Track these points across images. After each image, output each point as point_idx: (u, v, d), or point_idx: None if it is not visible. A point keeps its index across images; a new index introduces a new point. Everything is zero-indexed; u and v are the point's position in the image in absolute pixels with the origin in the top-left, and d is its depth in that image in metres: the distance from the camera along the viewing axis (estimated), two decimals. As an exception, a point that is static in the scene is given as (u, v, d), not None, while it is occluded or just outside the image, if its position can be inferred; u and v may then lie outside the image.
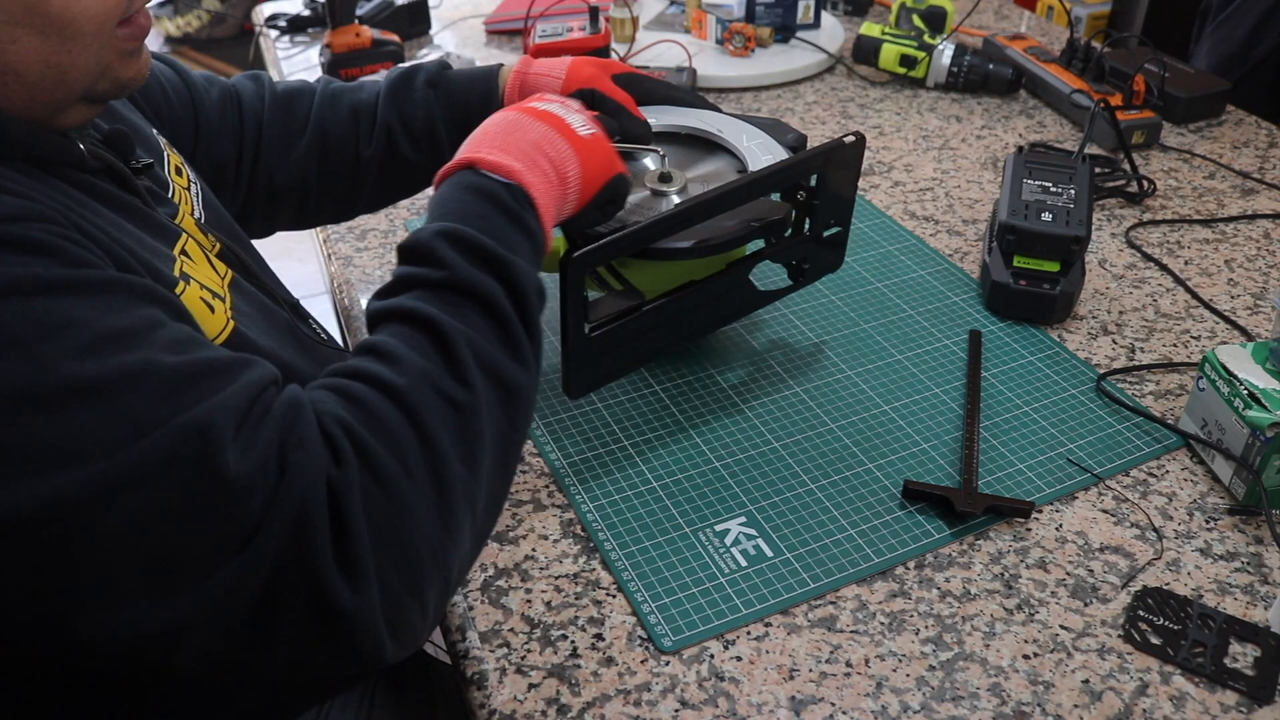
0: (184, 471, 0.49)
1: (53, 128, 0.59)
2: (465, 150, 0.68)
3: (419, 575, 0.54)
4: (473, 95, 0.89)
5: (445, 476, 0.55)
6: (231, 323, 0.64)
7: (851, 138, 0.82)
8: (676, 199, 0.83)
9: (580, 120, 0.72)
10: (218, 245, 0.71)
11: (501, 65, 0.91)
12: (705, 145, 0.91)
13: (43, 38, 0.53)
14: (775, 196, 0.85)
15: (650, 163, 0.88)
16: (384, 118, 0.90)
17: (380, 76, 0.93)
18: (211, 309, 0.62)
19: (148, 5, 0.62)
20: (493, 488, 0.60)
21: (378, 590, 0.52)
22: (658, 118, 0.89)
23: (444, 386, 0.56)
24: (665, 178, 0.85)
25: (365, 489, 0.52)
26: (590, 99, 0.83)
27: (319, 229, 1.14)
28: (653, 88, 0.90)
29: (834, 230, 0.89)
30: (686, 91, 0.92)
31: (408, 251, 0.62)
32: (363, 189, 0.92)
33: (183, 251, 0.65)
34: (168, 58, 0.90)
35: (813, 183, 0.84)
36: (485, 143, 0.68)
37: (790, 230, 0.85)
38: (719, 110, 0.92)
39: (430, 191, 1.03)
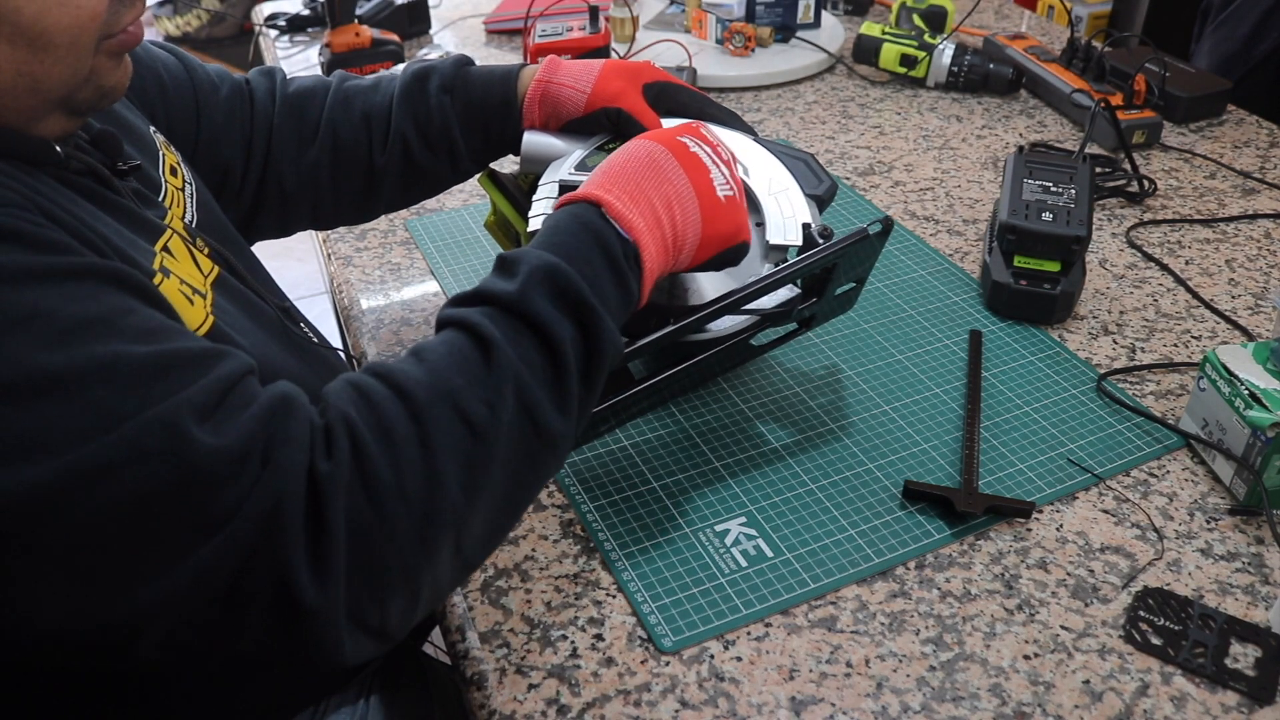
0: (152, 466, 0.49)
1: (31, 135, 0.58)
2: (598, 182, 0.65)
3: (384, 586, 0.53)
4: (490, 101, 0.85)
5: (437, 498, 0.54)
6: (211, 318, 0.63)
7: (877, 226, 0.77)
8: None
9: (723, 178, 0.69)
10: (206, 249, 0.70)
11: (523, 67, 0.86)
12: None
13: (13, 47, 0.53)
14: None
15: None
16: (398, 125, 0.86)
17: (398, 69, 0.89)
18: (191, 302, 0.62)
19: (147, 5, 0.62)
20: (492, 521, 0.59)
21: (343, 591, 0.52)
22: None
23: (467, 408, 0.55)
24: None
25: (351, 490, 0.52)
26: (616, 120, 0.81)
27: (319, 228, 1.14)
28: (687, 101, 0.85)
29: (848, 287, 0.84)
30: (720, 108, 0.87)
31: (500, 265, 0.61)
32: (379, 194, 0.89)
33: (165, 248, 0.64)
34: (180, 52, 0.87)
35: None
36: (621, 183, 0.65)
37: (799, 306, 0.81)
38: (752, 132, 0.86)
39: (434, 201, 1.04)
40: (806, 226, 0.78)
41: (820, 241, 0.76)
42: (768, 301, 0.77)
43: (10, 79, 0.55)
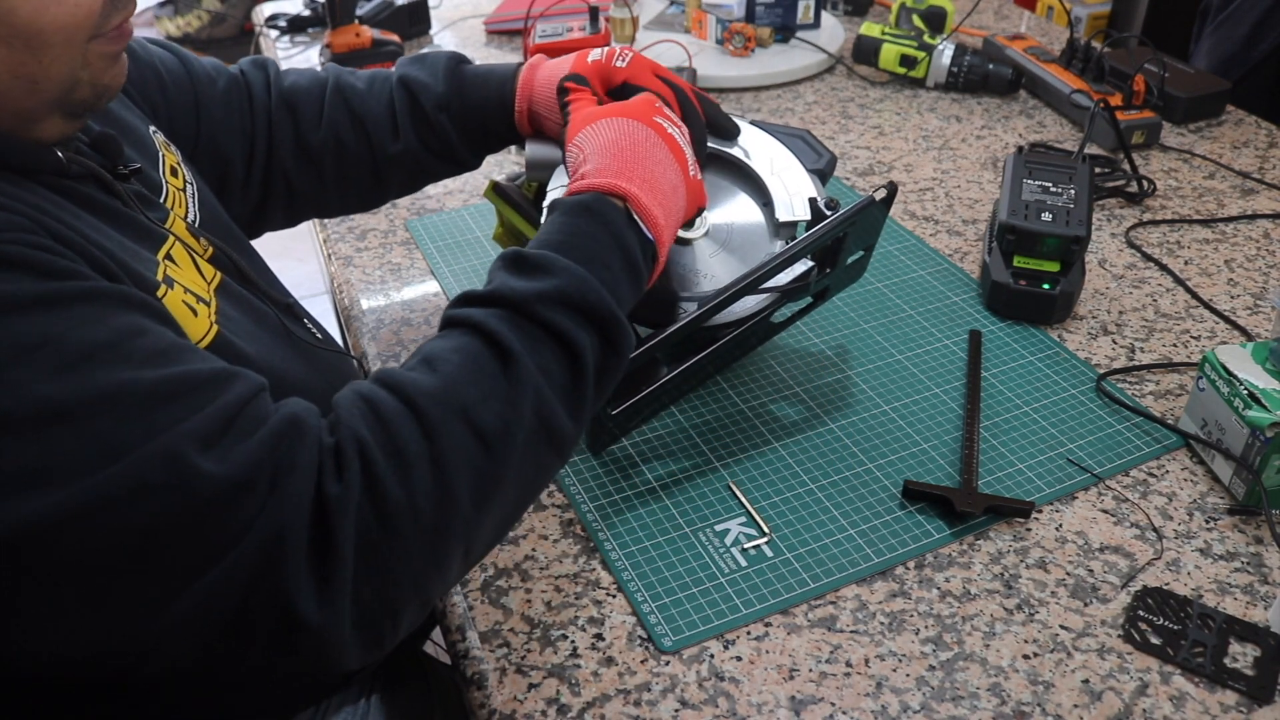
0: (156, 497, 0.49)
1: (30, 139, 0.58)
2: (612, 167, 0.65)
3: (395, 599, 0.54)
4: (489, 120, 0.86)
5: (449, 514, 0.54)
6: (215, 327, 0.63)
7: (882, 192, 0.79)
8: (700, 243, 0.81)
9: (692, 158, 0.72)
10: (210, 249, 0.70)
11: (516, 74, 0.85)
12: (725, 165, 0.86)
13: (9, 48, 0.53)
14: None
15: None
16: (404, 134, 0.87)
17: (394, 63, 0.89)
18: (195, 313, 0.61)
19: (148, 6, 0.62)
20: (499, 524, 0.60)
21: (350, 607, 0.52)
22: None
23: (480, 422, 0.55)
24: (688, 222, 0.79)
25: (360, 510, 0.52)
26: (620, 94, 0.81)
27: (319, 229, 1.14)
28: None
29: (858, 256, 0.86)
30: (707, 103, 0.87)
31: (517, 262, 0.61)
32: (385, 188, 0.91)
33: (167, 256, 0.64)
34: (175, 47, 0.87)
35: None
36: (639, 174, 0.65)
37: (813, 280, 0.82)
38: (743, 119, 0.87)
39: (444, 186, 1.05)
40: (812, 201, 0.80)
41: (827, 214, 0.79)
42: (784, 278, 0.79)
43: (7, 82, 0.54)
